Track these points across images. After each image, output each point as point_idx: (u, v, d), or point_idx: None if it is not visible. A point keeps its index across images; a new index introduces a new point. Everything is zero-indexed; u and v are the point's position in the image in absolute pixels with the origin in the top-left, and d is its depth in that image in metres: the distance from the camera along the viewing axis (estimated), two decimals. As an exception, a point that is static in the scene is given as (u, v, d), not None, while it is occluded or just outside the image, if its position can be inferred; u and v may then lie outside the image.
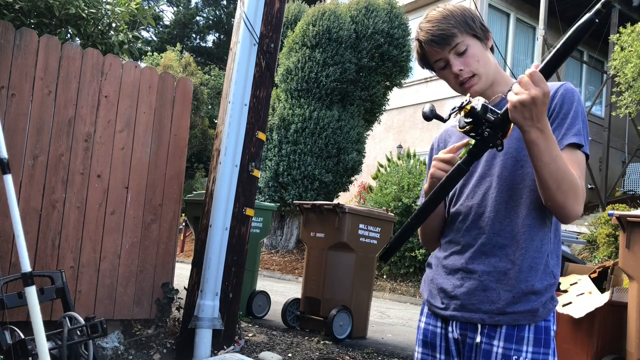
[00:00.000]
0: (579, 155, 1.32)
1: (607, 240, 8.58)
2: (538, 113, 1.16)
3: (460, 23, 1.44)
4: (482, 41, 1.47)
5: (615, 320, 3.73)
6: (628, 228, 3.56)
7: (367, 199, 11.98)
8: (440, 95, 14.06)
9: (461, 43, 1.43)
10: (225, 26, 29.82)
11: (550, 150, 1.21)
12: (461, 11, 1.47)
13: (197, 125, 18.03)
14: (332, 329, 5.02)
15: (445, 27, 1.43)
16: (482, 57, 1.45)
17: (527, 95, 1.14)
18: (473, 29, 1.45)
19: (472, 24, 1.45)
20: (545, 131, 1.20)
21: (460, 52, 1.43)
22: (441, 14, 1.46)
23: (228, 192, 3.88)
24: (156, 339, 3.96)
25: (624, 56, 10.47)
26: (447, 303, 1.44)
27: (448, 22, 1.44)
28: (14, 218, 2.40)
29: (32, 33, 3.56)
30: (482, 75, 1.44)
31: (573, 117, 1.33)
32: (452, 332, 1.43)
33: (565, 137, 1.32)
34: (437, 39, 1.44)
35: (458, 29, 1.43)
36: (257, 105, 4.10)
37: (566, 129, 1.33)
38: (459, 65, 1.44)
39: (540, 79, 1.14)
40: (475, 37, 1.45)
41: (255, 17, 4.01)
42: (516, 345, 1.34)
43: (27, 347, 2.41)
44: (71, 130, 3.67)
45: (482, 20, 1.49)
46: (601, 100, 15.39)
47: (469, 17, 1.46)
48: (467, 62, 1.43)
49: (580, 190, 1.27)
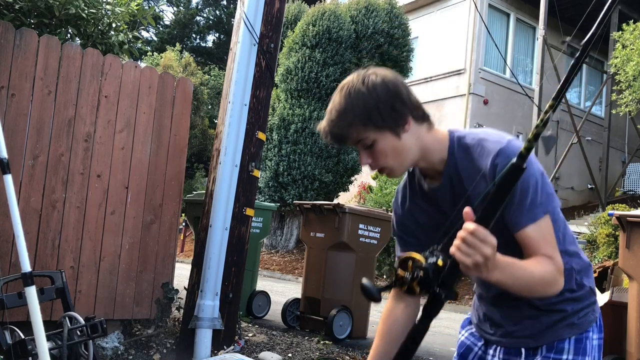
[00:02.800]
0: (541, 226, 1.26)
1: (607, 240, 8.58)
2: (492, 262, 1.12)
3: (361, 119, 1.26)
4: (393, 131, 1.29)
5: (615, 320, 3.73)
6: (628, 228, 3.56)
7: (367, 199, 11.98)
8: (441, 95, 14.07)
9: (365, 139, 1.29)
10: (225, 26, 29.81)
11: (512, 277, 1.20)
12: (365, 101, 1.26)
13: (197, 125, 18.03)
14: (332, 329, 5.01)
15: (342, 125, 1.28)
16: (392, 150, 1.30)
17: (480, 257, 1.09)
18: (377, 124, 1.27)
19: (377, 118, 1.26)
20: (500, 267, 1.16)
21: (366, 146, 1.30)
22: (342, 106, 1.27)
23: (228, 192, 3.88)
24: (156, 339, 3.96)
25: (625, 54, 10.47)
26: (495, 330, 1.48)
27: (346, 119, 1.27)
28: (14, 218, 2.39)
29: (32, 33, 3.56)
30: (394, 167, 1.33)
31: (521, 193, 1.24)
32: (494, 356, 1.47)
33: (520, 221, 1.26)
34: (335, 139, 1.32)
35: (357, 127, 1.27)
36: (257, 105, 4.10)
37: (518, 213, 1.26)
38: (366, 159, 1.32)
39: (485, 235, 1.08)
40: (382, 130, 1.28)
41: (255, 17, 4.01)
42: (555, 354, 1.38)
43: (27, 347, 2.41)
44: (71, 130, 3.67)
45: (396, 103, 1.28)
46: (601, 100, 15.40)
47: (373, 109, 1.26)
48: (375, 156, 1.31)
49: (553, 275, 1.24)
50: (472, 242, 1.09)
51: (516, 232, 1.27)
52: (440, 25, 14.44)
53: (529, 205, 1.25)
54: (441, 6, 14.56)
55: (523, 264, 1.23)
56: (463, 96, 13.52)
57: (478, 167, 1.30)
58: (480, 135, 1.34)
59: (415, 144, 1.33)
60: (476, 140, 1.33)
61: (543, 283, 1.24)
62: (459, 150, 1.35)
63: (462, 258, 1.10)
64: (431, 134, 1.36)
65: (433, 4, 14.75)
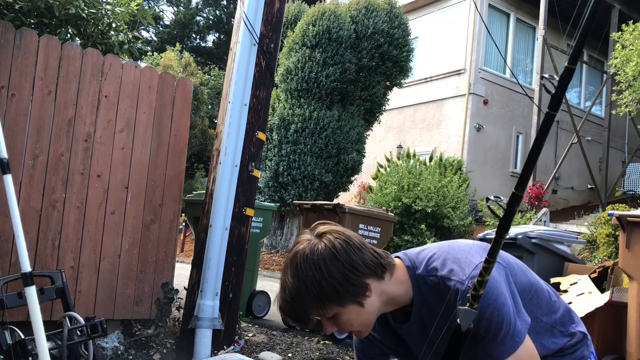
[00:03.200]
0: (521, 356, 1.23)
1: (607, 240, 8.57)
2: None
3: (317, 299, 1.19)
4: (355, 302, 1.22)
5: (615, 320, 3.73)
6: (628, 228, 3.56)
7: (367, 199, 11.97)
8: (441, 95, 14.07)
9: (327, 312, 1.23)
10: (225, 26, 29.81)
11: None
12: (320, 280, 1.18)
13: (197, 125, 18.02)
14: (332, 329, 5.01)
15: (300, 311, 1.22)
16: (357, 318, 1.24)
17: None
18: (336, 300, 1.20)
19: (335, 295, 1.19)
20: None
21: (329, 317, 1.25)
22: (295, 288, 1.20)
23: (228, 192, 3.88)
24: (156, 339, 3.96)
25: (625, 55, 10.47)
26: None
27: (303, 304, 1.20)
28: (14, 218, 2.39)
29: (32, 33, 3.55)
30: (363, 329, 1.29)
31: (496, 327, 1.20)
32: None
33: (498, 356, 1.23)
34: (294, 320, 1.27)
35: (314, 308, 1.21)
36: (257, 105, 4.10)
37: (495, 347, 1.23)
38: (330, 328, 1.27)
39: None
40: (344, 304, 1.22)
41: (255, 17, 4.01)
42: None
43: (27, 347, 2.41)
44: (71, 130, 3.67)
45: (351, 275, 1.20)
46: (601, 100, 15.40)
47: (330, 288, 1.18)
48: (340, 326, 1.26)
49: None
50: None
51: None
52: (440, 25, 14.43)
53: (503, 337, 1.21)
54: (441, 6, 14.56)
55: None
56: (463, 96, 13.52)
57: (445, 311, 1.26)
58: (440, 272, 1.28)
59: (380, 300, 1.27)
60: (439, 278, 1.27)
61: None
62: (423, 287, 1.30)
63: None
64: (393, 281, 1.29)
65: (433, 4, 14.74)
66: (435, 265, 1.29)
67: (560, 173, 13.75)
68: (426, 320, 1.32)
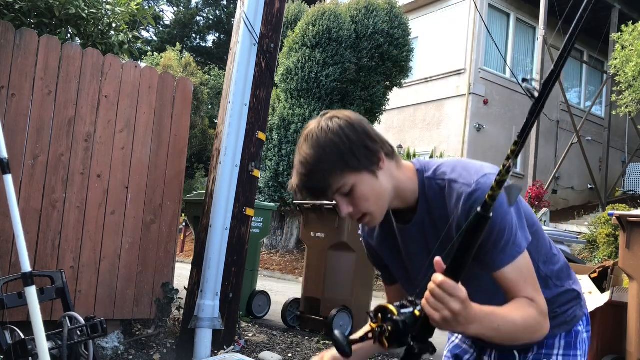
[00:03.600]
0: (520, 266, 1.22)
1: (607, 240, 8.57)
2: (464, 317, 1.06)
3: (336, 166, 1.21)
4: (370, 171, 1.24)
5: (615, 320, 3.73)
6: (628, 228, 3.56)
7: (367, 199, 11.98)
8: (440, 95, 14.07)
9: (344, 186, 1.23)
10: (225, 26, 29.81)
11: (492, 328, 1.14)
12: (337, 144, 1.21)
13: (197, 125, 18.02)
14: (332, 329, 5.01)
15: (318, 177, 1.22)
16: (372, 192, 1.24)
17: (448, 312, 1.04)
18: (354, 166, 1.22)
19: (353, 159, 1.22)
20: (477, 320, 1.10)
21: (345, 193, 1.24)
22: (314, 156, 1.21)
23: (228, 192, 3.88)
24: (156, 339, 3.96)
25: (624, 55, 10.47)
26: None
27: (321, 168, 1.21)
28: (14, 218, 2.39)
29: (32, 33, 3.56)
30: (376, 211, 1.27)
31: (498, 234, 1.20)
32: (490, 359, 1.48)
33: (497, 263, 1.22)
34: (312, 192, 1.26)
35: (335, 174, 1.21)
36: (257, 105, 4.10)
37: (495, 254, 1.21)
38: (346, 208, 1.26)
39: (453, 289, 1.03)
40: (360, 172, 1.23)
41: (255, 17, 4.01)
42: (546, 349, 1.39)
43: (27, 347, 2.41)
44: (71, 130, 3.67)
45: (367, 141, 1.24)
46: (601, 100, 15.40)
47: (347, 152, 1.21)
48: (355, 203, 1.25)
49: (536, 320, 1.20)
50: (439, 295, 1.03)
51: (494, 273, 1.23)
52: (440, 25, 14.43)
53: (504, 245, 1.20)
54: (441, 6, 14.56)
55: (503, 313, 1.17)
56: (463, 96, 13.52)
57: (450, 211, 1.26)
58: (448, 175, 1.28)
59: (391, 182, 1.28)
60: (446, 181, 1.28)
61: (527, 330, 1.19)
62: (430, 191, 1.30)
63: (431, 312, 1.05)
64: (401, 171, 1.31)
65: (433, 4, 14.74)
66: (444, 170, 1.30)
67: (560, 173, 13.75)
68: (427, 224, 1.31)
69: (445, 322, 1.05)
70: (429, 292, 1.05)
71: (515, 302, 1.20)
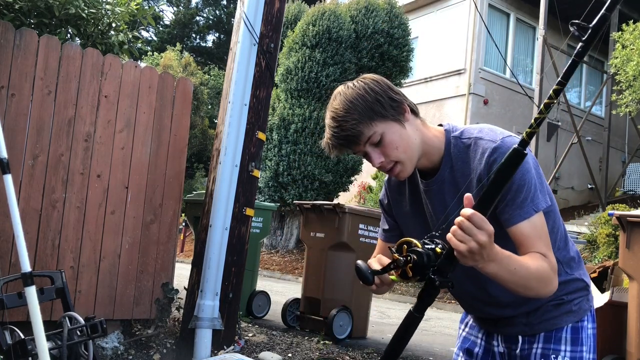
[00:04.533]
0: (535, 224, 1.25)
1: (607, 240, 8.57)
2: (488, 252, 1.11)
3: (365, 114, 1.29)
4: (397, 121, 1.32)
5: (615, 320, 3.73)
6: (628, 228, 3.56)
7: (367, 199, 11.98)
8: (440, 95, 14.07)
9: (374, 134, 1.30)
10: (225, 26, 29.81)
11: (508, 270, 1.18)
12: (363, 95, 1.30)
13: (197, 125, 18.03)
14: (332, 329, 5.01)
15: (350, 126, 1.29)
16: (401, 141, 1.32)
17: (475, 244, 1.08)
18: (382, 114, 1.30)
19: (380, 108, 1.30)
20: (497, 259, 1.15)
21: (375, 142, 1.31)
22: (343, 108, 1.30)
23: (228, 192, 3.88)
24: (156, 339, 3.96)
25: (625, 54, 10.47)
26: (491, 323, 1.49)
27: (352, 117, 1.29)
28: (14, 218, 2.39)
29: (32, 33, 3.55)
30: (406, 160, 1.33)
31: (517, 189, 1.25)
32: (497, 346, 1.48)
33: (513, 217, 1.26)
34: (344, 142, 1.32)
35: (365, 122, 1.29)
36: (257, 105, 4.10)
37: (512, 208, 1.26)
38: (378, 158, 1.32)
39: (481, 221, 1.08)
40: (387, 120, 1.31)
41: (255, 17, 4.00)
42: (554, 345, 1.39)
43: (27, 347, 2.41)
44: (71, 130, 3.67)
45: (391, 93, 1.33)
46: (601, 100, 15.40)
47: (374, 101, 1.30)
48: (386, 152, 1.32)
49: (548, 273, 1.23)
50: (468, 227, 1.08)
51: (509, 228, 1.27)
52: (440, 25, 14.43)
53: (522, 201, 1.25)
54: (441, 6, 14.56)
55: (520, 258, 1.21)
56: (463, 96, 13.52)
57: (473, 167, 1.31)
58: (474, 134, 1.35)
59: (418, 135, 1.35)
60: (472, 139, 1.34)
61: (539, 279, 1.22)
62: (455, 149, 1.36)
63: (458, 244, 1.09)
64: (427, 129, 1.39)
65: (433, 4, 14.74)
66: (471, 130, 1.38)
67: (560, 173, 13.75)
68: (448, 182, 1.36)
69: (471, 254, 1.09)
70: (456, 225, 1.10)
71: (529, 255, 1.24)
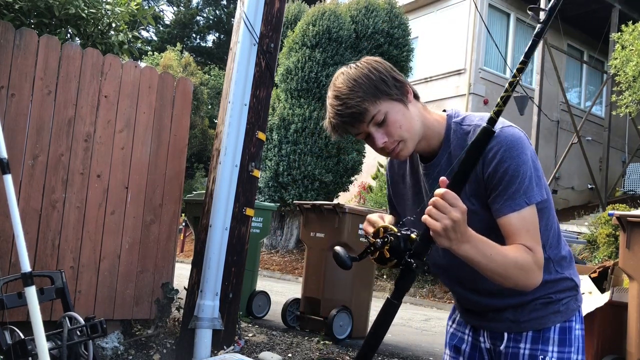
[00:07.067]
0: (524, 217, 1.25)
1: (607, 240, 8.57)
2: (461, 231, 1.13)
3: (369, 92, 1.29)
4: (400, 101, 1.33)
5: (615, 320, 3.73)
6: (628, 228, 3.56)
7: (367, 199, 11.98)
8: (440, 95, 14.06)
9: (378, 113, 1.30)
10: (225, 26, 29.80)
11: (483, 254, 1.19)
12: (367, 75, 1.31)
13: (197, 125, 18.02)
14: (332, 329, 5.01)
15: (354, 103, 1.29)
16: (404, 120, 1.32)
17: (449, 221, 1.11)
18: (387, 92, 1.30)
19: (384, 86, 1.30)
20: (472, 240, 1.17)
21: (379, 122, 1.31)
22: (347, 86, 1.30)
23: (228, 192, 3.88)
24: (156, 339, 3.96)
25: (625, 55, 10.47)
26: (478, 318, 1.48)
27: (356, 95, 1.28)
28: (14, 218, 2.39)
29: (32, 33, 3.55)
30: (408, 139, 1.33)
31: (509, 180, 1.25)
32: (483, 342, 1.47)
33: (502, 208, 1.26)
34: (348, 120, 1.31)
35: (369, 100, 1.29)
36: (257, 105, 4.10)
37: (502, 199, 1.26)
38: (381, 138, 1.32)
39: (454, 199, 1.11)
40: (392, 100, 1.31)
41: (255, 17, 4.00)
42: (542, 345, 1.37)
43: (27, 347, 2.41)
44: (71, 130, 3.67)
45: (394, 74, 1.34)
46: (601, 100, 15.39)
47: (378, 80, 1.30)
48: (389, 131, 1.32)
49: (530, 264, 1.23)
50: (442, 205, 1.11)
51: (498, 219, 1.27)
52: (440, 25, 14.43)
53: (514, 192, 1.25)
54: (441, 6, 14.56)
55: (497, 245, 1.22)
56: (463, 96, 13.52)
57: None
58: (475, 121, 1.36)
59: (420, 117, 1.36)
60: (472, 126, 1.35)
61: (518, 269, 1.22)
62: (455, 135, 1.37)
63: (433, 223, 1.12)
64: (429, 113, 1.40)
65: (433, 4, 14.74)
66: (472, 118, 1.38)
67: (560, 173, 13.74)
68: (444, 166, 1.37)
69: (445, 232, 1.11)
70: (430, 205, 1.13)
71: (513, 245, 1.25)
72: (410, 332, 6.22)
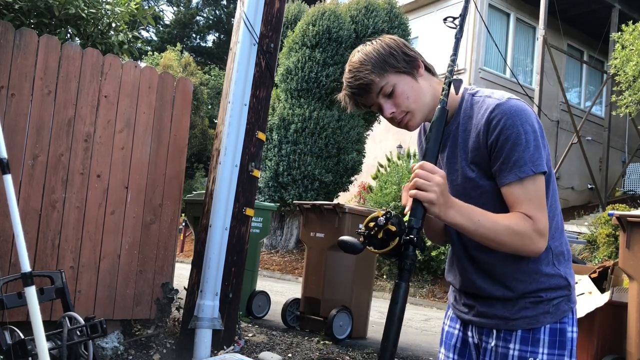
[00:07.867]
0: (526, 186, 1.27)
1: (607, 240, 8.57)
2: (446, 197, 1.22)
3: (378, 66, 1.38)
4: (409, 74, 1.40)
5: (615, 320, 3.73)
6: (628, 228, 3.56)
7: (367, 199, 11.98)
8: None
9: (386, 85, 1.38)
10: (225, 26, 29.81)
11: (470, 220, 1.25)
12: (378, 49, 1.39)
13: (197, 125, 18.03)
14: (332, 329, 5.01)
15: (362, 75, 1.38)
16: (412, 92, 1.40)
17: (435, 185, 1.20)
18: (394, 66, 1.39)
19: (393, 61, 1.38)
20: (455, 206, 1.24)
21: (387, 93, 1.39)
22: (358, 60, 1.40)
23: (228, 192, 3.88)
24: (156, 339, 3.96)
25: (625, 55, 10.47)
26: (469, 310, 1.48)
27: (365, 68, 1.37)
28: (14, 218, 2.39)
29: (32, 33, 3.55)
30: (416, 110, 1.40)
31: (511, 148, 1.27)
32: (472, 337, 1.47)
33: (505, 177, 1.29)
34: (357, 91, 1.40)
35: (377, 72, 1.37)
36: (257, 105, 4.10)
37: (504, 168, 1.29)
38: (389, 108, 1.40)
39: (432, 167, 1.22)
40: (400, 73, 1.39)
41: (255, 17, 4.00)
42: (532, 347, 1.36)
43: (27, 347, 2.41)
44: (71, 130, 3.67)
45: (405, 49, 1.42)
46: (601, 100, 15.39)
47: (387, 55, 1.39)
48: (397, 102, 1.39)
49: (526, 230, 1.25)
50: (424, 174, 1.21)
51: (501, 188, 1.30)
52: (440, 25, 14.35)
53: (515, 161, 1.27)
54: (441, 6, 14.56)
55: (487, 212, 1.26)
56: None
57: (475, 122, 1.36)
58: (486, 93, 1.40)
59: (430, 90, 1.42)
60: (482, 97, 1.38)
61: (511, 232, 1.24)
62: (466, 105, 1.41)
63: (419, 194, 1.20)
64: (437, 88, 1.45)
65: (433, 4, 14.74)
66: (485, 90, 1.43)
67: (560, 173, 13.74)
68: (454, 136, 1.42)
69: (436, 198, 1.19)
70: (413, 179, 1.23)
71: (509, 213, 1.28)
72: (410, 332, 6.22)
